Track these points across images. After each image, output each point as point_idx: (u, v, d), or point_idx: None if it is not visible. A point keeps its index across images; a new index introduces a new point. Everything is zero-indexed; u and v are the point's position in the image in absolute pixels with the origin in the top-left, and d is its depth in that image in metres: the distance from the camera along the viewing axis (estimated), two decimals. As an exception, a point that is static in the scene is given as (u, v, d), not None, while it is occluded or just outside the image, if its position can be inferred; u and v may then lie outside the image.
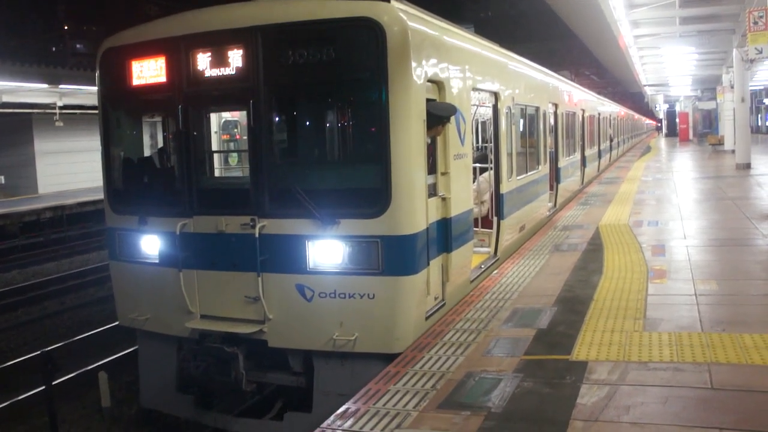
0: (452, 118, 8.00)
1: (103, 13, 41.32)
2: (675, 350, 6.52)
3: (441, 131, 7.92)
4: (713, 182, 22.82)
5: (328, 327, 7.09)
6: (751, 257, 10.74)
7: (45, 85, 24.34)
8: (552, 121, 16.23)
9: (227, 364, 7.46)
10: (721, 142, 42.49)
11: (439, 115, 7.63)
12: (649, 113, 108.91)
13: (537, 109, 14.18)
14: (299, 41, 7.08)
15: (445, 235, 8.00)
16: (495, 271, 10.20)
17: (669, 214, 15.61)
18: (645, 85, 58.05)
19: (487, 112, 11.81)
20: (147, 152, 9.13)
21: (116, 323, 9.34)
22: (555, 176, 16.71)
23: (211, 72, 7.48)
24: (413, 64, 7.00)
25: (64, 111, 29.07)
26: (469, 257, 8.93)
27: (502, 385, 5.86)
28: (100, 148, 8.57)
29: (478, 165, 11.22)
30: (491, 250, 10.75)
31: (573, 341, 6.93)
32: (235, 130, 9.63)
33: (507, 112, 11.03)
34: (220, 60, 7.42)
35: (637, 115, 72.00)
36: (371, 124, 7.31)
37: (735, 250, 11.43)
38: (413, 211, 7.02)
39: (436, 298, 7.84)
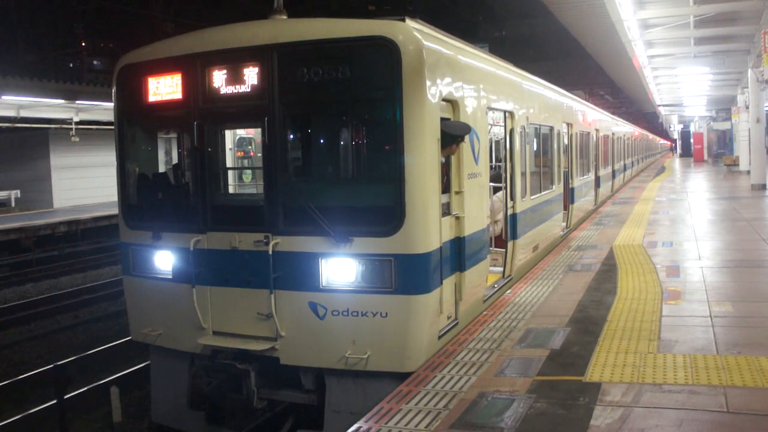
0: (466, 138, 8.01)
1: (120, 31, 41.80)
2: (690, 373, 6.46)
3: (455, 150, 7.92)
4: (728, 203, 22.70)
5: (340, 345, 7.07)
6: (766, 279, 10.65)
7: (62, 101, 24.58)
8: (566, 141, 16.22)
9: (239, 380, 7.47)
10: (736, 163, 42.34)
11: (453, 134, 7.64)
12: (664, 133, 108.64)
13: (551, 128, 14.17)
14: (314, 60, 7.12)
15: (459, 254, 7.98)
16: (508, 291, 10.16)
17: (683, 234, 15.53)
18: (659, 106, 57.96)
19: (501, 132, 11.80)
20: (162, 168, 9.19)
21: (129, 338, 9.36)
22: (569, 196, 16.67)
23: (226, 89, 7.52)
24: (428, 83, 7.01)
25: (80, 126, 29.34)
26: (482, 277, 8.90)
27: (514, 406, 5.82)
28: (115, 163, 8.63)
29: (492, 184, 11.20)
30: (505, 269, 10.71)
31: (587, 362, 6.89)
32: (250, 147, 9.68)
33: (521, 132, 11.03)
34: (235, 77, 7.46)
35: (651, 135, 71.82)
36: (385, 142, 7.33)
37: (750, 271, 11.35)
38: (427, 230, 7.01)
39: (449, 318, 7.81)
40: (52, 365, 11.44)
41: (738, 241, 14.54)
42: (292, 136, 7.87)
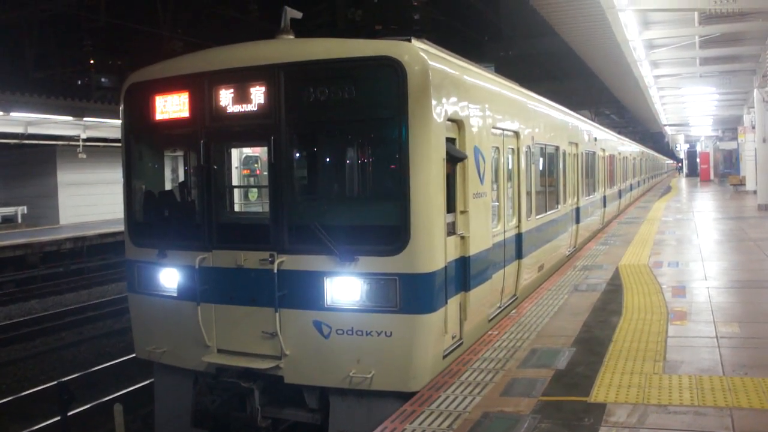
0: (471, 157, 8.03)
1: (129, 49, 42.08)
2: (696, 394, 6.43)
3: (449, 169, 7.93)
4: (735, 223, 22.64)
5: (344, 364, 7.06)
6: (773, 300, 10.60)
7: (69, 118, 24.70)
8: (572, 161, 16.22)
9: (243, 399, 7.45)
10: (742, 183, 42.23)
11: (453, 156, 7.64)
12: (670, 153, 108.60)
13: (557, 148, 14.18)
14: (321, 79, 7.16)
15: (464, 274, 7.98)
16: (513, 311, 10.14)
17: (690, 255, 15.48)
18: (665, 125, 57.99)
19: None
20: (168, 186, 9.22)
21: (133, 355, 9.37)
22: (575, 216, 16.65)
23: (233, 108, 7.57)
24: (433, 103, 7.04)
25: (87, 143, 29.47)
26: (487, 296, 8.88)
27: (519, 427, 5.80)
28: (121, 180, 8.67)
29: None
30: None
31: (591, 383, 6.86)
32: (256, 165, 9.71)
33: (527, 152, 11.04)
34: (242, 96, 7.51)
35: (657, 155, 71.79)
36: (391, 162, 7.35)
37: (757, 292, 11.30)
38: (432, 249, 7.01)
39: (453, 337, 7.79)
40: (56, 382, 11.43)
41: (745, 261, 14.49)
42: (297, 155, 7.90)
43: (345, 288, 7.09)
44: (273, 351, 7.38)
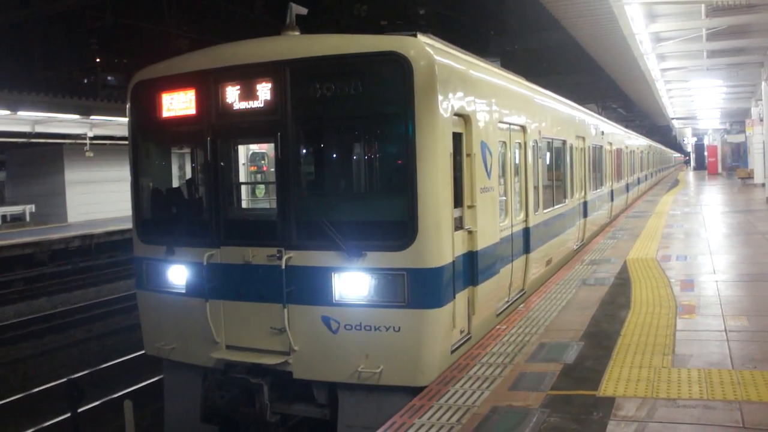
0: (479, 152, 8.02)
1: (135, 47, 42.14)
2: (705, 387, 6.42)
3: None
4: (743, 216, 22.54)
5: (353, 359, 7.07)
6: (782, 293, 10.56)
7: (76, 116, 24.78)
8: (579, 155, 16.18)
9: (252, 395, 7.47)
10: (750, 176, 42.09)
11: None
12: (677, 146, 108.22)
13: (564, 142, 14.15)
14: (327, 75, 7.16)
15: (472, 269, 7.98)
16: (521, 305, 10.13)
17: (698, 248, 15.43)
18: (673, 119, 57.76)
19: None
20: (175, 183, 9.24)
21: (142, 352, 9.40)
22: (582, 210, 16.62)
23: (239, 105, 7.58)
24: (440, 98, 7.04)
25: (94, 141, 29.55)
26: (495, 291, 8.88)
27: (527, 421, 5.80)
28: (129, 178, 8.69)
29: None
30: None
31: (600, 377, 6.85)
32: (263, 161, 9.72)
33: (533, 146, 11.03)
34: (248, 93, 7.52)
35: (664, 149, 71.56)
36: (398, 157, 7.36)
37: (766, 285, 11.25)
38: (439, 244, 7.02)
39: (462, 332, 7.79)
40: (65, 379, 11.48)
41: (753, 254, 14.43)
42: (304, 151, 7.92)
43: (353, 283, 7.10)
44: (282, 347, 7.40)
